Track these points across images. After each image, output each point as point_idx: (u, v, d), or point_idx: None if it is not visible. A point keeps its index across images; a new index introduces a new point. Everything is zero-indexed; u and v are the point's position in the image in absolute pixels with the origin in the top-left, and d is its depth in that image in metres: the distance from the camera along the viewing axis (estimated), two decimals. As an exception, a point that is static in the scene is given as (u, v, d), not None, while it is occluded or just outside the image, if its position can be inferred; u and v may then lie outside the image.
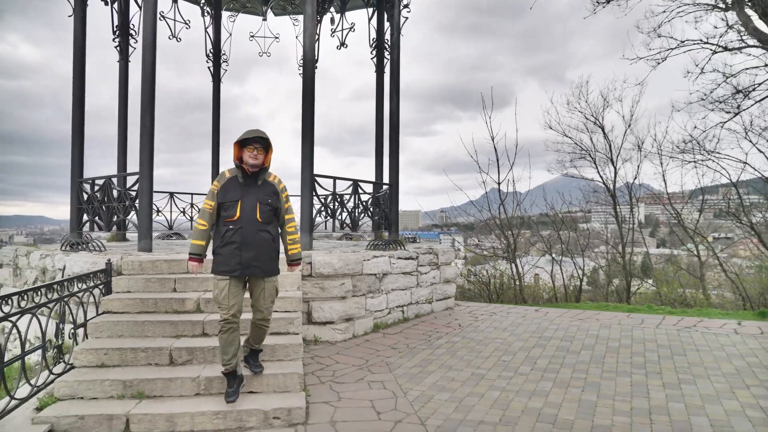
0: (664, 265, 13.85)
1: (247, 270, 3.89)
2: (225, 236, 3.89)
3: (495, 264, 13.16)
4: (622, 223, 12.18)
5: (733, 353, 5.42)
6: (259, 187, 3.97)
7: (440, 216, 34.12)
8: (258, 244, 3.90)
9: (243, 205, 3.88)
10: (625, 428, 3.61)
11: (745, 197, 12.30)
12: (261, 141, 3.89)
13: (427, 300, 7.88)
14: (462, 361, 5.30)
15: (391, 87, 8.49)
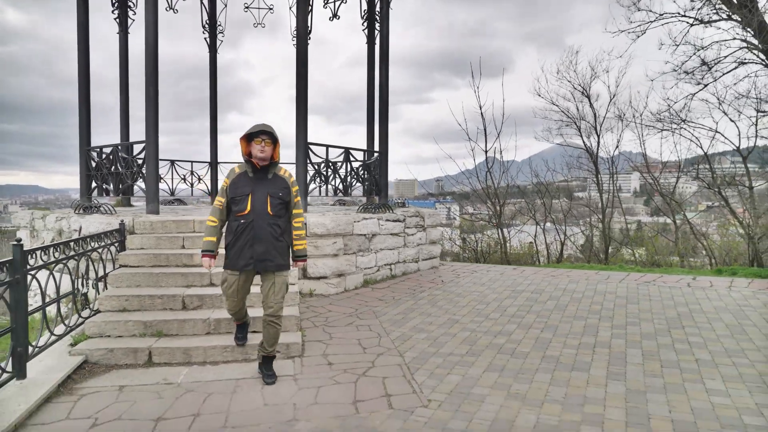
0: (643, 230, 14.53)
1: (259, 264, 3.87)
2: (236, 231, 3.86)
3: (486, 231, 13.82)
4: (603, 191, 12.78)
5: (680, 302, 6.11)
6: (269, 180, 3.92)
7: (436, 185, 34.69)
8: (269, 238, 3.87)
9: (253, 199, 3.84)
10: (571, 358, 4.30)
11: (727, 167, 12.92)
12: (268, 134, 3.83)
13: (413, 259, 8.54)
14: (441, 309, 5.98)
15: (381, 59, 8.94)
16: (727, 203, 10.79)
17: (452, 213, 21.96)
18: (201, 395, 3.70)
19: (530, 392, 3.61)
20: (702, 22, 9.87)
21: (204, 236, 4.00)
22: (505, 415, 3.28)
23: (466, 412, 3.32)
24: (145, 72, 7.02)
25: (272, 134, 3.86)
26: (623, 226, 14.28)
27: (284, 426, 3.21)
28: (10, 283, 3.66)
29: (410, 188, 57.09)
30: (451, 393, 3.63)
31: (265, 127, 3.87)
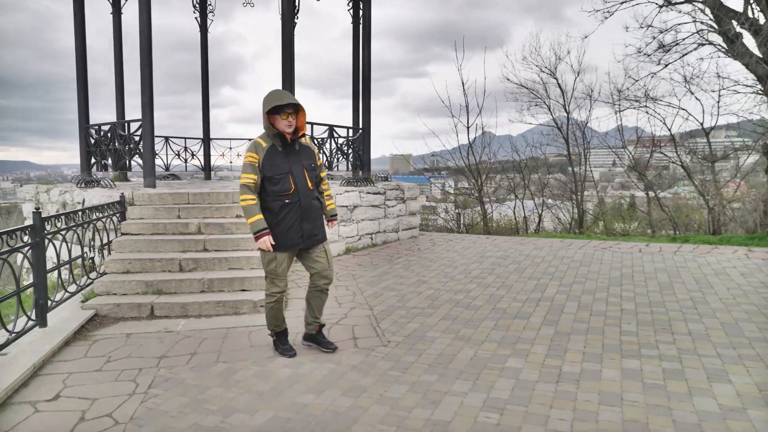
0: (634, 204, 15.23)
1: (308, 241, 3.79)
2: (281, 211, 3.67)
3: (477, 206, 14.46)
4: (574, 164, 13.42)
5: (626, 265, 6.81)
6: (298, 152, 3.76)
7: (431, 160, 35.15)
8: (315, 213, 3.82)
9: (295, 177, 3.67)
10: (516, 310, 4.99)
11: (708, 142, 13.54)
12: (293, 105, 3.62)
13: (393, 229, 9.19)
14: (412, 272, 6.65)
15: (363, 40, 9.43)
16: (690, 177, 11.46)
17: (447, 188, 22.57)
18: (197, 340, 4.37)
19: (474, 335, 4.30)
20: (670, 3, 10.36)
21: (248, 218, 3.67)
22: (449, 351, 3.96)
23: (418, 350, 4.00)
24: (140, 56, 7.52)
25: (297, 106, 3.64)
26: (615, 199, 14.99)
27: (265, 360, 3.89)
28: (32, 245, 4.29)
29: (405, 163, 57.67)
30: (408, 336, 4.31)
31: (288, 98, 3.60)
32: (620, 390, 3.22)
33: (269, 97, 3.62)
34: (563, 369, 3.57)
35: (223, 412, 3.09)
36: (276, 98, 3.59)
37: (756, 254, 7.18)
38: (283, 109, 3.59)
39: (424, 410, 3.04)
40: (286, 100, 3.57)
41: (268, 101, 3.60)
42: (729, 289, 5.50)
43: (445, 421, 2.90)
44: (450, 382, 3.41)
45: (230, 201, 6.84)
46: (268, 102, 3.60)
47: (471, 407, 3.06)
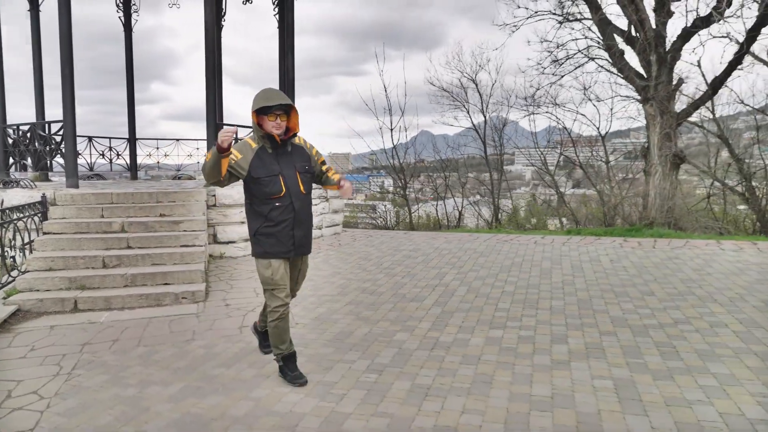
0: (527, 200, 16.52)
1: (299, 249, 3.52)
2: (271, 215, 3.38)
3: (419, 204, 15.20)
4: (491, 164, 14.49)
5: (519, 254, 7.70)
6: (291, 154, 3.47)
7: (370, 159, 35.80)
8: (307, 219, 3.55)
9: (285, 180, 3.38)
10: (415, 294, 5.68)
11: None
12: (282, 107, 3.35)
13: (317, 227, 9.72)
14: (329, 265, 7.23)
15: (286, 47, 9.90)
16: (588, 177, 12.75)
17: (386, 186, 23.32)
18: (120, 329, 4.75)
19: (373, 316, 4.94)
20: (568, 20, 11.51)
21: (207, 156, 3.23)
22: (348, 329, 4.58)
23: (321, 329, 4.59)
24: (60, 54, 7.61)
25: (288, 105, 3.37)
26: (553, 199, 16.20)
27: (183, 343, 4.35)
28: (-47, 244, 4.51)
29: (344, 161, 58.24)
30: (314, 318, 4.89)
31: (277, 98, 3.32)
32: (480, 353, 3.95)
33: (258, 95, 3.35)
34: (440, 339, 4.27)
35: (141, 385, 3.55)
36: (264, 98, 3.31)
37: (629, 243, 8.30)
38: (271, 110, 3.31)
39: (316, 375, 3.63)
40: (275, 100, 3.29)
41: (256, 101, 3.32)
42: (596, 272, 6.46)
43: (333, 382, 3.51)
44: (343, 353, 4.03)
45: (154, 201, 7.14)
46: (256, 102, 3.32)
47: (356, 371, 3.68)
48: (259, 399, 3.30)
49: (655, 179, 10.17)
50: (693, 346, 3.96)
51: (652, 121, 10.23)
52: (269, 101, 3.29)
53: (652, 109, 10.14)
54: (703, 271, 6.35)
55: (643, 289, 5.62)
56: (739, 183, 13.65)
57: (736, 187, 13.80)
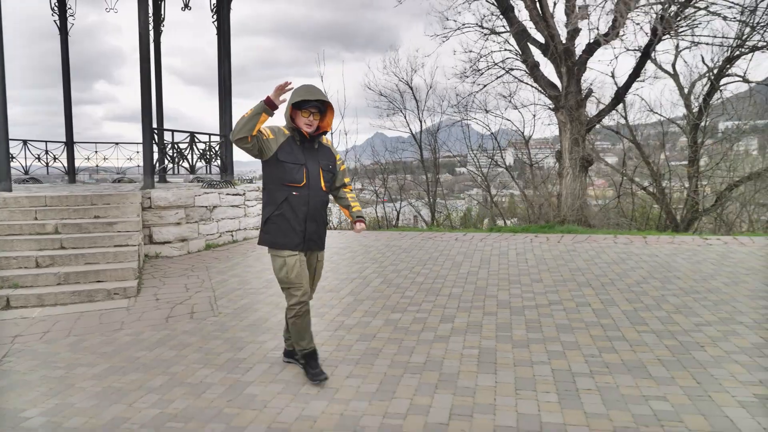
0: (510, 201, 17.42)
1: (308, 244, 3.48)
2: (286, 202, 3.36)
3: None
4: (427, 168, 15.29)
5: (439, 249, 8.41)
6: (317, 151, 3.50)
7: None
8: (321, 215, 3.53)
9: (308, 172, 3.40)
10: (333, 286, 6.25)
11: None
12: (316, 104, 3.37)
13: (255, 227, 10.16)
14: (261, 263, 7.71)
15: (222, 54, 10.28)
16: (513, 178, 13.72)
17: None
18: (51, 322, 5.10)
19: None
20: (492, 32, 12.40)
21: (246, 113, 3.19)
22: (265, 316, 5.10)
23: (241, 317, 5.10)
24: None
25: (322, 103, 3.41)
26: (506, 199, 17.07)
27: (111, 332, 4.77)
28: None
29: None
30: (237, 308, 5.39)
31: (316, 95, 3.34)
32: (376, 332, 4.57)
33: (299, 89, 3.35)
34: (345, 322, 4.86)
35: (68, 368, 3.96)
36: (304, 92, 3.33)
37: (539, 239, 9.17)
38: (306, 105, 3.34)
39: (230, 353, 4.14)
40: (314, 96, 3.32)
41: (297, 94, 3.33)
42: (500, 264, 7.23)
43: (243, 358, 4.03)
44: (257, 335, 4.56)
45: (89, 203, 7.43)
46: (296, 94, 3.32)
47: (265, 349, 4.22)
48: (174, 374, 3.79)
49: (567, 180, 11.16)
50: (555, 322, 4.72)
51: (563, 128, 11.22)
52: (308, 96, 3.30)
53: (562, 116, 11.13)
54: (591, 261, 7.23)
55: (534, 277, 6.40)
56: (651, 184, 14.97)
57: (648, 187, 15.12)
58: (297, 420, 3.07)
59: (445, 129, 14.52)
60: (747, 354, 3.85)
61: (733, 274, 6.26)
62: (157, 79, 11.91)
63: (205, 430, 2.98)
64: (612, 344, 4.13)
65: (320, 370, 3.57)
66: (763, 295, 5.34)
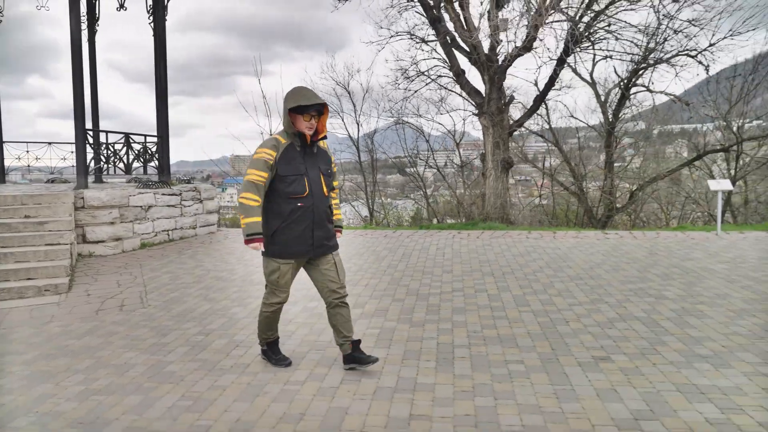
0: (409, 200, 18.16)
1: (318, 249, 3.56)
2: (292, 214, 3.43)
3: None
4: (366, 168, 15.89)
5: (366, 247, 8.99)
6: (316, 155, 3.55)
7: None
8: (327, 220, 3.58)
9: (310, 180, 3.45)
10: (261, 279, 6.67)
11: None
12: (317, 108, 3.42)
13: (191, 226, 10.42)
14: (195, 260, 8.04)
15: (158, 56, 10.47)
16: (444, 178, 14.53)
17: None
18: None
19: (217, 296, 5.89)
20: (424, 41, 13.11)
21: (245, 218, 3.40)
22: (192, 307, 5.51)
23: (169, 309, 5.48)
24: None
25: (321, 107, 3.45)
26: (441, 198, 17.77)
27: (41, 325, 5.05)
28: None
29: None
30: (166, 301, 5.76)
31: (314, 98, 3.38)
32: (293, 318, 5.08)
33: (294, 93, 3.40)
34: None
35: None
36: (302, 96, 3.37)
37: (461, 235, 9.92)
38: (307, 110, 3.39)
39: (154, 339, 4.54)
40: (313, 100, 3.36)
41: (294, 98, 3.37)
42: (419, 258, 7.88)
43: (167, 343, 4.45)
44: (182, 324, 4.97)
45: (18, 203, 7.54)
46: (293, 99, 3.37)
47: (188, 334, 4.65)
48: (100, 357, 4.16)
49: (490, 181, 12.01)
50: (453, 305, 5.37)
51: (486, 132, 12.06)
52: (308, 101, 3.34)
53: (486, 121, 11.97)
54: (500, 254, 8.00)
55: (446, 268, 7.08)
56: (573, 184, 16.14)
57: (571, 187, 16.29)
58: (208, 389, 3.54)
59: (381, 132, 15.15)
60: (600, 327, 4.62)
61: (616, 263, 7.16)
62: (92, 78, 11.90)
63: (124, 401, 3.41)
64: (494, 322, 4.82)
65: (283, 356, 3.87)
66: (633, 280, 6.21)
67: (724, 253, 7.70)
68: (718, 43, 11.97)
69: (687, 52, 12.40)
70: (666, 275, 6.41)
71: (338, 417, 3.12)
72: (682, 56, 12.43)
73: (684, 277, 6.32)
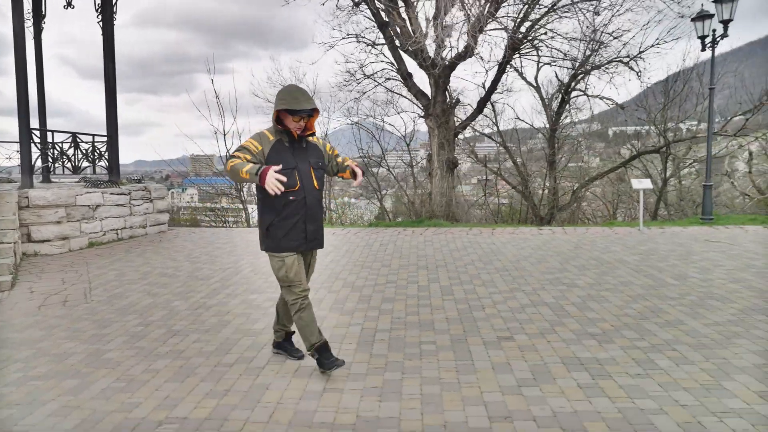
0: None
1: (311, 244, 3.63)
2: (285, 208, 3.48)
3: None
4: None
5: (330, 243, 9.31)
6: (306, 150, 3.59)
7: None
8: (319, 215, 3.65)
9: (300, 174, 3.49)
10: (205, 275, 6.95)
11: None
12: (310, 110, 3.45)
13: (141, 225, 10.51)
14: (143, 258, 8.20)
15: (107, 56, 10.52)
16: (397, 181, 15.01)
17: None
18: None
19: (162, 291, 6.13)
20: (374, 45, 13.52)
21: (241, 170, 3.30)
22: (135, 302, 5.73)
23: (112, 303, 5.69)
24: None
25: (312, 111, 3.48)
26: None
27: (-18, 319, 5.20)
28: None
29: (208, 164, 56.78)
30: (110, 296, 5.96)
31: (305, 102, 3.42)
32: (232, 308, 5.38)
33: (285, 95, 3.45)
34: (206, 302, 5.62)
35: (-62, 349, 4.42)
36: (293, 100, 3.41)
37: (406, 232, 10.37)
38: (297, 113, 3.43)
39: (95, 330, 4.78)
40: (304, 105, 3.40)
41: (284, 101, 3.42)
42: (361, 254, 8.27)
43: (107, 333, 4.69)
44: (124, 316, 5.21)
45: (-40, 203, 7.54)
46: (283, 101, 3.42)
47: (129, 326, 4.90)
48: (41, 348, 4.38)
49: (436, 180, 12.54)
50: (383, 296, 5.79)
51: (432, 133, 12.58)
52: (298, 106, 3.38)
53: (431, 122, 12.49)
54: (439, 249, 8.48)
55: (385, 262, 7.50)
56: (519, 183, 16.88)
57: (518, 186, 17.01)
58: (142, 373, 3.83)
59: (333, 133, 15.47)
60: (512, 312, 5.12)
61: (542, 256, 7.74)
62: (39, 76, 11.78)
63: (61, 384, 3.66)
64: (418, 309, 5.26)
65: (335, 358, 3.63)
66: (553, 271, 6.78)
67: (640, 246, 8.41)
68: (647, 51, 12.85)
69: (620, 59, 13.26)
70: (583, 266, 7.01)
71: (259, 392, 3.48)
72: (615, 63, 13.27)
73: (598, 267, 6.93)
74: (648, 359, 3.89)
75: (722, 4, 9.88)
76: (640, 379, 3.54)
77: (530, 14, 11.35)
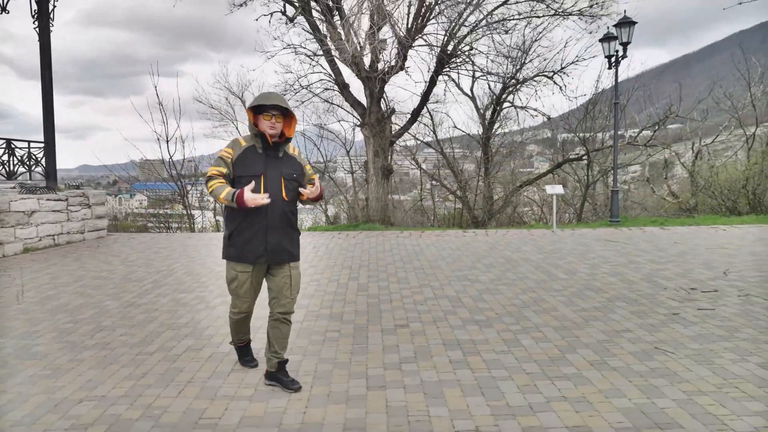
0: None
1: (273, 256, 3.47)
2: (246, 218, 3.37)
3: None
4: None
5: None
6: (281, 159, 3.47)
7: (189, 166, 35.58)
8: (284, 226, 3.47)
9: (267, 181, 3.37)
10: (140, 277, 7.30)
11: None
12: (279, 108, 3.38)
13: (78, 231, 10.65)
14: (79, 263, 8.44)
15: (44, 64, 10.64)
16: (336, 185, 15.59)
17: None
18: None
19: (94, 293, 6.46)
20: (316, 54, 14.08)
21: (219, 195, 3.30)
22: (66, 302, 6.06)
23: (43, 303, 5.99)
24: None
25: (285, 109, 3.41)
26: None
27: None
28: None
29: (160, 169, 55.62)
30: (42, 298, 6.25)
31: (275, 99, 3.39)
32: (160, 307, 5.81)
33: (258, 95, 3.47)
34: (137, 301, 6.02)
35: None
36: (262, 97, 3.40)
37: (341, 235, 10.95)
38: (267, 109, 3.36)
39: (25, 328, 5.11)
40: (272, 100, 3.36)
41: (256, 99, 3.42)
42: (324, 255, 8.77)
43: (37, 330, 5.03)
44: (54, 315, 5.54)
45: None
46: (255, 100, 3.42)
47: (59, 323, 5.26)
48: (-29, 344, 4.70)
49: (372, 186, 13.19)
50: (303, 293, 6.34)
51: (368, 141, 13.24)
52: (266, 101, 3.35)
53: (367, 131, 13.15)
54: (366, 251, 9.10)
55: (312, 264, 8.05)
56: (457, 188, 17.77)
57: (456, 191, 17.90)
58: (68, 362, 4.24)
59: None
60: (415, 304, 5.78)
61: (458, 256, 8.48)
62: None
63: (-9, 374, 4.04)
64: (332, 303, 5.84)
65: (252, 357, 4.04)
66: (463, 269, 7.51)
67: (549, 246, 9.30)
68: (567, 67, 13.97)
69: (544, 74, 14.33)
70: (491, 264, 7.79)
71: (174, 374, 3.97)
72: (540, 77, 14.34)
73: (504, 265, 7.72)
74: (515, 339, 4.61)
75: (621, 28, 11.00)
76: (502, 355, 4.25)
77: (457, 32, 12.19)
